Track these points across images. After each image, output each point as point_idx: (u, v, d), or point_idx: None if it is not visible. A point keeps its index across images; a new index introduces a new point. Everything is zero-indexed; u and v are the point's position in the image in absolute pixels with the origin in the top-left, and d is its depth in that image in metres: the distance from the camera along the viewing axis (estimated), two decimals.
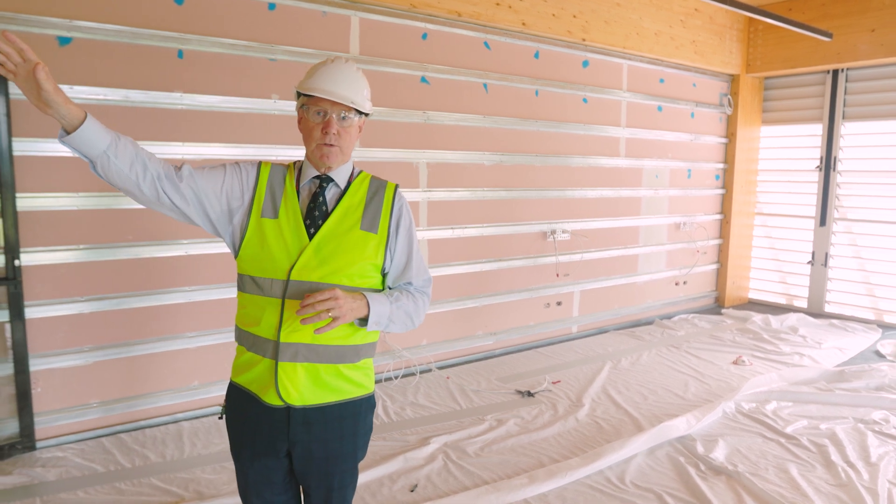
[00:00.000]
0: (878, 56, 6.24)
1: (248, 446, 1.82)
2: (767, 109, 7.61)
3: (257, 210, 1.78)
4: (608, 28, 5.72)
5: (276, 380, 1.72)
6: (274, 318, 1.72)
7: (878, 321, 6.77)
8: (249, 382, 1.80)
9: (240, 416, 1.84)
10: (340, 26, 4.33)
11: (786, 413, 4.19)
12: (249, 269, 1.78)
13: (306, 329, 1.71)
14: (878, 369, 4.95)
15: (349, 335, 1.77)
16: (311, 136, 1.78)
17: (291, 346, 1.72)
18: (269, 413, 1.76)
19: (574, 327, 6.16)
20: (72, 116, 1.54)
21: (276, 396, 1.73)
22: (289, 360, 1.72)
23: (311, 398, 1.75)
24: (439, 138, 4.94)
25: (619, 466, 3.42)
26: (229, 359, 4.05)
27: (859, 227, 6.92)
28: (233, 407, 1.87)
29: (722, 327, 6.50)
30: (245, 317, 1.80)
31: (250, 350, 1.79)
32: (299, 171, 1.85)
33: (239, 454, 1.85)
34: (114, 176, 1.65)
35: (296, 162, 1.89)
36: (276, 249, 1.74)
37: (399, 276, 1.89)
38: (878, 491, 3.17)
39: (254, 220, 1.77)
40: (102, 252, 3.62)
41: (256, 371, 1.77)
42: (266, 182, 1.81)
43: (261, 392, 1.76)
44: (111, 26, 3.48)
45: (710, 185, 7.36)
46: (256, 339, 1.76)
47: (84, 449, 3.49)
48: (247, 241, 1.77)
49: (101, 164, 1.63)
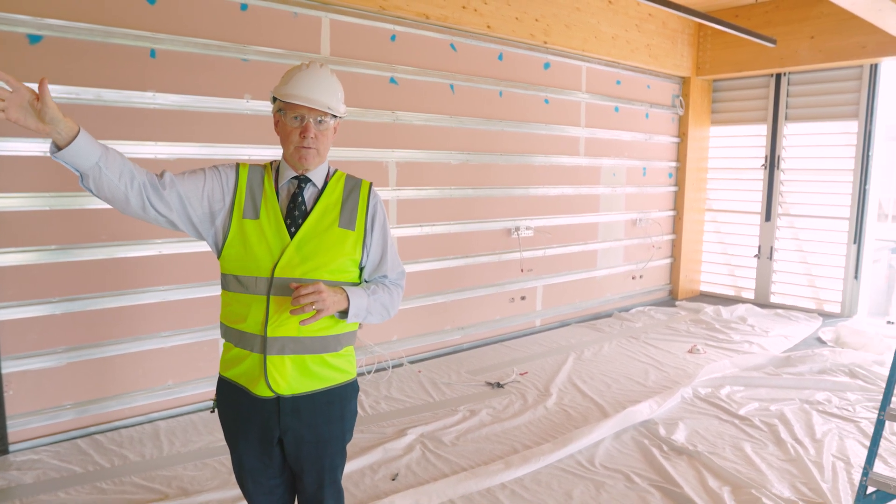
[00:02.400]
0: (817, 61, 6.65)
1: (242, 436, 1.90)
2: (716, 110, 7.99)
3: (238, 211, 1.85)
4: (568, 31, 5.93)
5: (266, 372, 1.81)
6: (260, 315, 1.81)
7: (818, 310, 7.21)
8: (238, 376, 1.88)
9: (232, 409, 1.92)
10: (311, 27, 4.38)
11: (738, 396, 4.47)
12: (233, 268, 1.85)
13: (291, 323, 1.80)
14: (820, 354, 5.31)
15: (331, 326, 1.87)
16: (288, 139, 1.85)
17: (278, 340, 1.81)
18: (260, 404, 1.85)
19: (537, 321, 6.36)
20: (67, 131, 1.55)
21: (266, 388, 1.82)
22: (276, 353, 1.81)
23: (300, 387, 1.85)
24: (408, 138, 5.04)
25: (589, 450, 3.61)
26: (204, 357, 4.09)
27: (801, 222, 7.36)
28: (224, 400, 1.95)
29: (676, 318, 6.81)
30: (231, 314, 1.88)
31: (238, 346, 1.86)
32: (277, 171, 1.92)
33: (234, 444, 1.94)
34: (104, 187, 1.65)
35: (272, 162, 1.97)
36: (259, 249, 1.82)
37: (374, 269, 1.99)
38: (824, 464, 3.45)
39: (235, 221, 1.85)
40: (74, 252, 3.59)
41: (245, 365, 1.85)
42: (246, 183, 1.88)
43: (250, 385, 1.85)
44: (83, 24, 3.46)
45: (663, 183, 7.69)
46: (244, 336, 1.84)
47: (59, 451, 3.47)
48: (229, 241, 1.84)
49: (92, 177, 1.62)
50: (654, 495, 3.13)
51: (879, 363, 5.19)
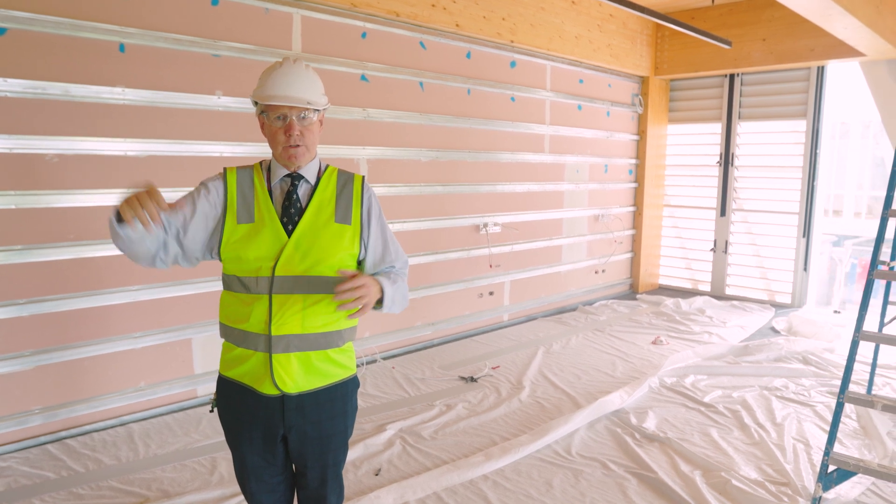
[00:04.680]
0: (769, 63, 6.94)
1: (245, 435, 1.91)
2: (673, 109, 8.24)
3: (232, 217, 1.86)
4: (534, 31, 6.03)
5: (272, 371, 1.82)
6: (263, 314, 1.82)
7: (770, 301, 7.54)
8: (242, 375, 1.88)
9: (234, 408, 1.92)
10: (283, 23, 4.34)
11: (702, 385, 4.66)
12: (233, 270, 1.86)
13: (295, 321, 1.82)
14: (776, 343, 5.56)
15: (334, 322, 1.89)
16: (275, 140, 1.86)
17: (283, 338, 1.82)
18: (265, 402, 1.86)
19: (505, 315, 6.46)
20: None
21: (273, 386, 1.83)
22: (282, 351, 1.82)
23: (305, 384, 1.86)
24: (378, 135, 5.05)
25: (565, 440, 3.71)
26: (176, 357, 4.03)
27: (754, 217, 7.67)
28: (225, 400, 1.94)
29: (639, 311, 7.01)
30: (232, 314, 1.88)
31: (241, 346, 1.86)
32: (268, 170, 1.93)
33: (236, 443, 1.94)
34: (136, 249, 1.76)
35: (262, 161, 1.97)
36: (257, 250, 1.83)
37: (379, 261, 2.00)
38: (785, 446, 3.64)
39: (229, 225, 1.86)
40: (41, 252, 3.48)
41: (249, 364, 1.85)
42: (236, 188, 1.89)
43: (255, 383, 1.85)
44: (50, 17, 3.35)
45: (624, 180, 7.90)
46: (247, 335, 1.85)
47: (29, 457, 3.37)
48: (225, 245, 1.85)
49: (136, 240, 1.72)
50: (631, 481, 3.25)
51: (829, 350, 5.48)
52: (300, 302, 1.82)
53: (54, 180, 3.49)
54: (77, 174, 3.55)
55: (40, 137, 3.41)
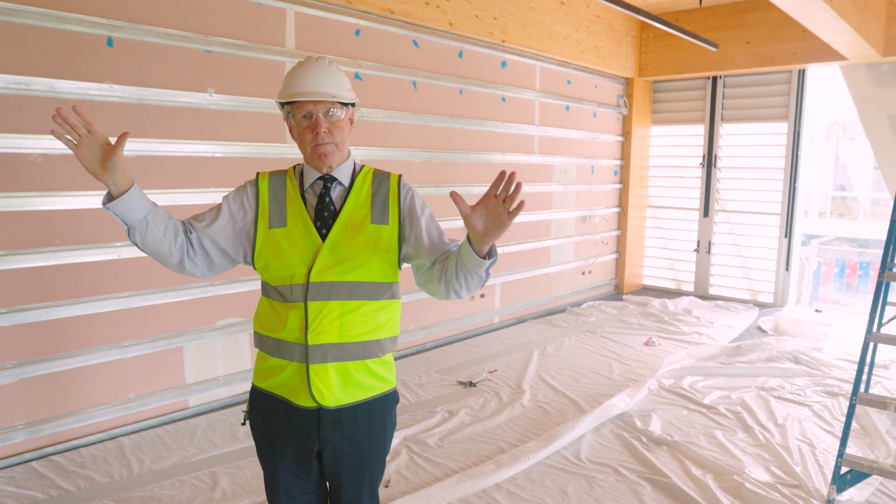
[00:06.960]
0: (752, 65, 7.02)
1: (278, 449, 1.80)
2: (657, 111, 8.29)
3: (264, 222, 1.79)
4: (524, 31, 5.97)
5: (309, 382, 1.72)
6: (299, 322, 1.73)
7: (753, 300, 7.64)
8: (276, 387, 1.78)
9: (268, 421, 1.82)
10: (276, 19, 4.19)
11: (700, 386, 4.66)
12: (268, 278, 1.79)
13: (332, 329, 1.72)
14: (766, 342, 5.61)
15: (373, 330, 1.79)
16: (303, 140, 1.77)
17: (321, 347, 1.72)
18: (300, 415, 1.75)
19: (496, 318, 6.40)
20: (123, 183, 1.62)
21: (310, 398, 1.73)
22: (319, 361, 1.72)
23: (343, 398, 1.76)
24: (372, 135, 4.93)
25: (573, 445, 3.66)
26: (167, 367, 3.86)
27: (736, 218, 7.76)
28: (259, 412, 1.84)
29: (626, 312, 7.02)
30: (266, 322, 1.80)
31: (276, 356, 1.77)
32: (300, 174, 1.85)
33: (268, 458, 1.83)
34: (149, 241, 1.69)
35: (295, 166, 1.90)
36: (291, 256, 1.74)
37: (437, 246, 1.85)
38: (791, 448, 3.64)
39: (261, 231, 1.79)
40: (25, 258, 3.28)
41: (284, 375, 1.76)
42: (268, 193, 1.82)
43: (291, 395, 1.75)
44: (34, 8, 3.16)
45: (609, 181, 7.91)
46: (282, 344, 1.75)
47: (14, 476, 3.16)
48: (258, 252, 1.78)
49: (139, 230, 1.67)
50: (645, 487, 3.20)
51: (818, 349, 5.55)
52: (337, 309, 1.72)
53: (39, 181, 3.29)
54: (63, 175, 3.36)
55: (24, 136, 3.21)
